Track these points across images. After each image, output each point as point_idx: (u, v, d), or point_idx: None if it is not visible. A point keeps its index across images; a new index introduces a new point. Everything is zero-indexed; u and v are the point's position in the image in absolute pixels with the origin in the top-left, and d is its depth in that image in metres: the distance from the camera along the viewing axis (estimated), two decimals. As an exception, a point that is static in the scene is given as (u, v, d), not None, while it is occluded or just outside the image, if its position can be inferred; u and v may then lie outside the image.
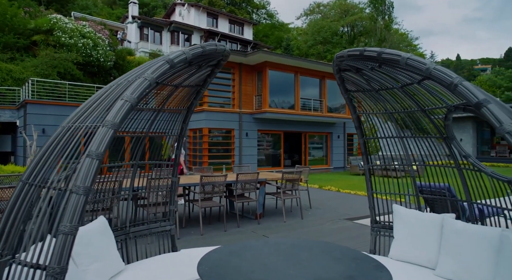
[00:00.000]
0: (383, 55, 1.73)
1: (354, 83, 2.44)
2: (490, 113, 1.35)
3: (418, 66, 1.57)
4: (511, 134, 1.30)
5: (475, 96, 1.39)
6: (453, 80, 1.45)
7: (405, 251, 2.70)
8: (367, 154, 3.07)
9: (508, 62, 60.39)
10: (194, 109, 2.81)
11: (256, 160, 17.65)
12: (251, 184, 5.81)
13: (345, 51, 1.98)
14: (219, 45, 1.85)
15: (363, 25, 39.44)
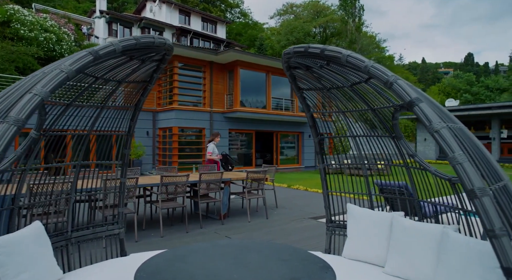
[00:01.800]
0: (325, 52, 1.70)
1: (306, 81, 2.42)
2: (421, 112, 1.34)
3: (357, 64, 1.55)
4: (439, 134, 1.30)
5: (408, 95, 1.38)
6: (389, 79, 1.44)
7: (357, 249, 2.71)
8: (322, 153, 3.07)
9: (468, 66, 64.00)
10: (140, 107, 2.67)
11: (227, 160, 17.50)
12: (215, 184, 5.70)
13: (291, 48, 1.94)
14: (158, 38, 1.75)
15: (335, 26, 40.30)
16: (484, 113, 23.00)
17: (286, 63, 2.16)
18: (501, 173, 1.46)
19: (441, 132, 1.30)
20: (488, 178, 1.40)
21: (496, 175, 1.44)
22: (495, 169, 1.46)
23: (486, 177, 1.40)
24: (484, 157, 1.48)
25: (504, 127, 23.18)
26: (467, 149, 1.42)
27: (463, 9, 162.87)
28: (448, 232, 2.11)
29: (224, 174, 6.47)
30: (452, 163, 1.27)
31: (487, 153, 1.50)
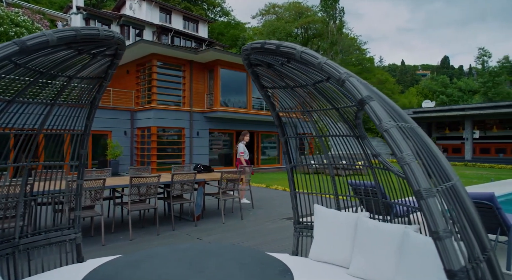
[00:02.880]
0: (280, 48, 1.64)
1: (270, 79, 2.35)
2: (371, 110, 1.29)
3: (311, 60, 1.50)
4: (388, 133, 1.25)
5: (359, 93, 1.33)
6: (341, 76, 1.39)
7: (323, 251, 2.67)
8: (289, 153, 3.02)
9: (444, 68, 66.13)
10: (97, 105, 2.52)
11: (207, 160, 17.33)
12: (188, 185, 5.58)
13: (249, 44, 1.87)
14: (104, 30, 1.64)
15: (316, 28, 40.69)
16: (457, 114, 23.77)
17: (247, 60, 2.09)
18: (450, 173, 1.44)
19: (390, 132, 1.26)
20: (436, 178, 1.37)
21: (445, 175, 1.42)
22: (444, 169, 1.43)
23: (434, 177, 1.37)
24: (434, 157, 1.45)
25: (476, 128, 24.04)
26: (417, 149, 1.39)
27: (435, 14, 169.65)
28: (409, 232, 2.10)
29: (198, 175, 6.35)
30: (400, 163, 1.23)
31: (437, 153, 1.47)
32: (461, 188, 1.43)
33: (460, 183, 1.46)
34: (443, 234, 1.13)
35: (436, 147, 1.57)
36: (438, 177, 1.38)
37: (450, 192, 1.37)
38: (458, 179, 1.50)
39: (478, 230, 1.37)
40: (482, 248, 1.36)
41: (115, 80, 18.08)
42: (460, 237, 1.27)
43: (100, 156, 15.69)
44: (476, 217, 1.41)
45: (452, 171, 1.47)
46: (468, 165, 21.34)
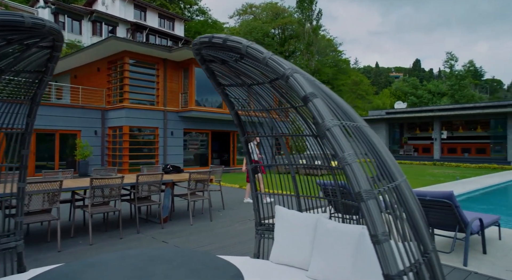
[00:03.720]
0: (227, 42, 1.56)
1: (226, 76, 2.27)
2: (314, 108, 1.23)
3: (256, 55, 1.42)
4: (330, 132, 1.19)
5: (303, 90, 1.27)
6: (285, 72, 1.32)
7: (284, 253, 2.62)
8: (249, 153, 2.94)
9: (416, 71, 68.62)
10: (38, 101, 2.34)
11: (182, 160, 17.02)
12: (155, 186, 5.40)
13: (198, 38, 1.78)
14: (32, 17, 1.49)
15: (293, 28, 41.04)
16: (427, 116, 24.66)
17: (199, 55, 1.99)
18: (395, 173, 1.40)
19: (332, 131, 1.20)
20: (379, 179, 1.34)
21: (390, 175, 1.39)
22: (389, 169, 1.40)
23: (378, 177, 1.33)
24: (379, 157, 1.41)
25: (444, 129, 25.05)
26: (361, 148, 1.35)
27: (405, 18, 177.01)
28: (365, 232, 2.08)
29: (166, 176, 6.17)
30: (342, 164, 1.18)
31: (383, 153, 1.44)
32: (406, 188, 1.40)
33: (406, 183, 1.43)
34: (382, 237, 1.08)
35: (384, 147, 1.54)
36: (383, 177, 1.34)
37: (394, 192, 1.34)
38: (405, 179, 1.47)
39: (420, 231, 1.35)
40: (424, 249, 1.34)
41: (85, 78, 17.40)
42: (401, 239, 1.24)
43: (68, 157, 15.03)
44: (420, 217, 1.39)
45: (398, 171, 1.44)
46: (437, 164, 22.18)
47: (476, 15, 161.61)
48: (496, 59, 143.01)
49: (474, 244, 4.46)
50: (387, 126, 27.30)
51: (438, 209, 4.08)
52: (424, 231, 1.37)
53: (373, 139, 1.44)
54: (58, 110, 14.44)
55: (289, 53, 43.18)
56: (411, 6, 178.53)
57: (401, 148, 27.39)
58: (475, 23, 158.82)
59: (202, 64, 2.10)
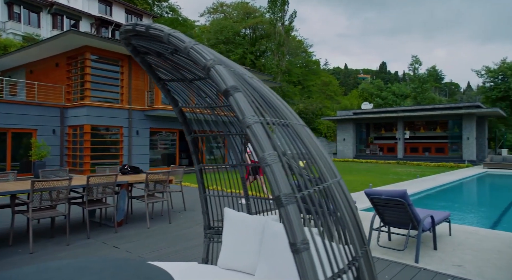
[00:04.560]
0: (150, 30, 1.41)
1: (166, 71, 2.11)
2: (235, 102, 1.12)
3: (178, 45, 1.29)
4: (251, 129, 1.08)
5: (224, 83, 1.15)
6: (207, 63, 1.20)
7: (231, 257, 2.50)
8: (197, 153, 2.80)
9: (382, 73, 71.28)
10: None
11: (148, 160, 16.48)
12: (109, 188, 5.10)
13: (123, 26, 1.61)
14: None
15: (264, 28, 41.15)
16: (391, 116, 25.62)
17: (129, 46, 1.82)
18: (326, 175, 1.32)
19: (253, 128, 1.09)
20: (310, 181, 1.25)
21: (322, 176, 1.30)
22: (320, 171, 1.32)
23: (308, 180, 1.24)
24: (312, 157, 1.33)
25: (407, 129, 26.15)
26: (294, 149, 1.25)
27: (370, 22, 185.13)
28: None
29: (122, 177, 5.87)
30: (262, 164, 1.07)
31: (314, 154, 1.35)
32: (337, 190, 1.33)
33: (337, 184, 1.36)
34: (301, 246, 0.99)
35: (318, 147, 1.46)
36: (312, 178, 1.26)
37: (325, 194, 1.26)
38: (338, 179, 1.40)
39: (350, 235, 1.28)
40: (354, 253, 1.28)
41: (42, 74, 16.38)
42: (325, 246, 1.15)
43: (23, 157, 14.06)
44: (350, 220, 1.32)
45: (330, 172, 1.37)
46: (400, 163, 23.08)
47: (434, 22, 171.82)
48: (453, 64, 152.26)
49: (427, 240, 4.58)
50: (354, 126, 28.05)
51: (393, 208, 4.15)
52: (354, 235, 1.30)
53: (305, 139, 1.36)
54: (11, 108, 13.45)
55: (260, 53, 43.26)
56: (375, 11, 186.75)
57: (368, 147, 28.27)
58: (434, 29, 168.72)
59: (136, 56, 1.93)
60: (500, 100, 28.63)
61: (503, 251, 4.19)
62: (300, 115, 34.08)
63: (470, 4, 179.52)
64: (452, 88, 67.88)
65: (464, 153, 22.44)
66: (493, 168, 18.48)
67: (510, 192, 11.88)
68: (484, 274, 3.48)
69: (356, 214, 1.42)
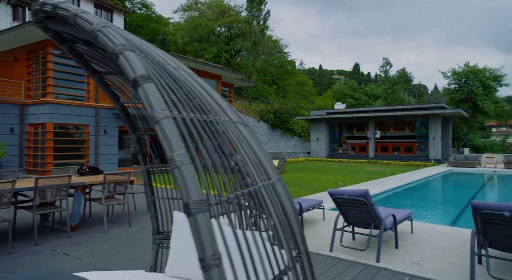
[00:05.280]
0: (57, 10, 1.23)
1: (100, 61, 1.91)
2: (144, 94, 0.96)
3: (84, 27, 1.12)
4: (160, 125, 0.92)
5: (133, 70, 0.99)
6: (115, 48, 1.03)
7: (178, 264, 2.33)
8: (144, 153, 2.61)
9: (355, 74, 73.10)
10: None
11: (116, 160, 15.88)
12: (62, 190, 4.76)
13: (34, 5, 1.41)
14: None
15: (239, 27, 40.93)
16: (363, 116, 26.22)
17: (49, 31, 1.61)
18: (255, 177, 1.19)
19: (162, 124, 0.94)
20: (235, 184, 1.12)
21: (252, 179, 1.17)
22: (248, 172, 1.19)
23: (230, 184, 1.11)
24: (245, 159, 1.19)
25: (378, 129, 26.86)
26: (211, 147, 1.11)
27: (341, 24, 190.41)
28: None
29: (78, 178, 5.52)
30: (170, 166, 0.92)
31: (249, 155, 1.22)
32: (268, 192, 1.21)
33: (270, 185, 1.24)
34: (211, 262, 0.85)
35: (254, 147, 1.33)
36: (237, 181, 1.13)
37: (253, 198, 1.13)
38: (272, 181, 1.28)
39: (278, 242, 1.16)
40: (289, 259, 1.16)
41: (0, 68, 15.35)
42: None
43: None
44: (281, 225, 1.20)
45: (261, 173, 1.24)
46: (371, 162, 23.67)
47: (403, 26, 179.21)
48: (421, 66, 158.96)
49: (389, 239, 4.61)
50: (327, 126, 28.47)
51: (355, 207, 4.13)
52: (285, 243, 1.18)
53: (235, 138, 1.22)
54: None
55: (235, 52, 43.01)
56: (346, 13, 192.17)
57: (340, 146, 28.79)
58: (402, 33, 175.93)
59: (61, 44, 1.71)
60: (463, 101, 30.05)
61: (459, 248, 4.28)
62: (275, 115, 34.17)
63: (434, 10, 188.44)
64: (421, 89, 70.78)
65: (430, 152, 23.33)
66: (456, 166, 19.32)
67: (470, 189, 12.42)
68: (440, 271, 3.52)
69: (291, 218, 1.31)
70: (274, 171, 1.40)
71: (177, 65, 1.32)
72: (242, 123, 1.41)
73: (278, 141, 34.67)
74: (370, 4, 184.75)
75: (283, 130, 34.54)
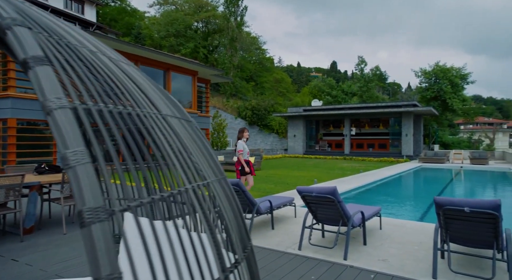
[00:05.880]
0: None
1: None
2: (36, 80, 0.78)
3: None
4: (52, 117, 0.75)
5: (23, 51, 0.81)
6: (2, 22, 0.84)
7: (127, 270, 2.16)
8: (89, 149, 2.40)
9: (333, 72, 74.24)
10: None
11: (86, 158, 15.22)
12: (13, 190, 4.42)
13: None
14: None
15: (217, 23, 40.43)
16: (339, 113, 26.61)
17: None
18: (183, 177, 1.05)
19: (55, 115, 0.77)
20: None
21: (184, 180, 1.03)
22: (186, 170, 1.04)
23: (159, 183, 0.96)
24: (182, 157, 1.04)
25: (353, 126, 27.36)
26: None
27: (317, 23, 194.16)
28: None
29: (34, 177, 5.17)
30: (64, 166, 0.75)
31: (186, 153, 1.07)
32: (197, 194, 1.08)
33: (203, 186, 1.11)
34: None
35: (197, 144, 1.19)
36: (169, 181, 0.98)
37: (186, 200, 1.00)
38: (206, 182, 1.15)
39: (213, 244, 1.04)
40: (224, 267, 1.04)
41: (-44, 60, 14.31)
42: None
43: None
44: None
45: (197, 173, 1.11)
46: (347, 159, 24.08)
47: (377, 26, 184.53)
48: (395, 65, 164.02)
49: (358, 236, 4.61)
50: (304, 123, 28.68)
51: (324, 205, 4.07)
52: (215, 253, 1.05)
53: (165, 134, 1.07)
54: None
55: (213, 48, 42.47)
56: (321, 12, 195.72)
57: (317, 143, 29.11)
58: (376, 32, 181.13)
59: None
60: (433, 99, 31.15)
61: (424, 242, 4.34)
62: (253, 111, 34.09)
63: (407, 10, 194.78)
64: (395, 88, 72.90)
65: (403, 149, 24.02)
66: (426, 162, 19.99)
67: (439, 185, 12.85)
68: (405, 267, 3.52)
69: (229, 222, 1.18)
70: (214, 169, 1.27)
71: (97, 49, 1.14)
72: (178, 117, 1.26)
73: (256, 138, 34.64)
74: (346, 3, 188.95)
75: (260, 127, 34.54)
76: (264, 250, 4.11)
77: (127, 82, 1.12)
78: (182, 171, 1.07)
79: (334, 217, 4.11)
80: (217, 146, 23.41)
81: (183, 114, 1.33)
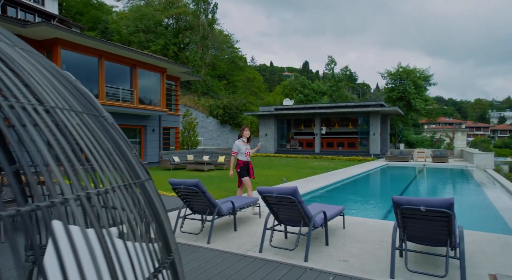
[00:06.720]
0: None
1: None
2: None
3: None
4: None
5: None
6: None
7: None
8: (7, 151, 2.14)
9: (305, 72, 75.33)
10: None
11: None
12: None
13: None
14: None
15: (188, 20, 39.66)
16: (310, 112, 26.95)
17: None
18: (102, 178, 0.89)
19: None
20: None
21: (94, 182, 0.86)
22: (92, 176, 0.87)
23: None
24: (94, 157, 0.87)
25: (323, 125, 27.81)
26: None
27: (288, 22, 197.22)
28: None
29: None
30: None
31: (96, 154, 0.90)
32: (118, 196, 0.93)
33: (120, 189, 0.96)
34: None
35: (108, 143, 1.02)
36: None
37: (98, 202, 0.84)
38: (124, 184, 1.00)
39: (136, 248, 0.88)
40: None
41: None
42: None
43: None
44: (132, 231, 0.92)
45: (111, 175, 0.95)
46: (317, 157, 24.41)
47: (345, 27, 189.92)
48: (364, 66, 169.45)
49: (321, 236, 4.57)
50: (276, 122, 28.80)
51: (285, 205, 3.99)
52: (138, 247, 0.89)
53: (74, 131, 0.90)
54: None
55: (184, 45, 41.63)
56: (291, 12, 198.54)
57: (288, 142, 29.33)
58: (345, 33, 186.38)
59: None
60: (399, 100, 32.33)
61: (385, 241, 4.37)
62: (224, 110, 33.76)
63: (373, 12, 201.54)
64: (364, 88, 75.22)
65: (371, 148, 24.73)
66: (392, 160, 20.67)
67: (403, 182, 13.29)
68: (364, 267, 3.51)
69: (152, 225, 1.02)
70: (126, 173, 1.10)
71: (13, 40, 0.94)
72: (79, 111, 1.08)
73: (228, 136, 34.36)
74: (315, 3, 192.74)
75: (232, 126, 34.29)
76: (224, 253, 3.96)
77: (23, 73, 0.93)
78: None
79: (295, 218, 4.03)
80: (188, 145, 22.91)
81: (90, 108, 1.15)
